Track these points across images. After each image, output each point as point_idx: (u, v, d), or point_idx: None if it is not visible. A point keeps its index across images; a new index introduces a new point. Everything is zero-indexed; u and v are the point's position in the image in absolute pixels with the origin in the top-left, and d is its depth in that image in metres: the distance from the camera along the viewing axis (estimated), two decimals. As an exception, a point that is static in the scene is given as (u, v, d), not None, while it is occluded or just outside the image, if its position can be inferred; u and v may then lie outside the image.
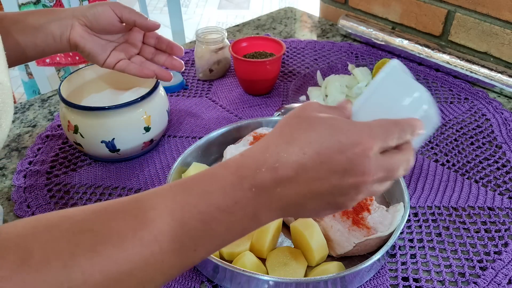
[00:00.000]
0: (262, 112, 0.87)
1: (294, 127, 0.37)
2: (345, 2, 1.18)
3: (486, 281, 0.56)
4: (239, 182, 0.35)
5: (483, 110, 0.87)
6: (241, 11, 3.42)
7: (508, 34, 0.92)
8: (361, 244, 0.56)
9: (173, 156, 0.76)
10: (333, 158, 0.35)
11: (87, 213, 0.33)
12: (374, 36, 1.07)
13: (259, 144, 0.37)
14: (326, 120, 0.37)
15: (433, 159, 0.75)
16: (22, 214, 0.65)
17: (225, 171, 0.36)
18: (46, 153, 0.77)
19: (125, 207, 0.34)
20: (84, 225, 0.32)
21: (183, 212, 0.33)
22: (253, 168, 0.35)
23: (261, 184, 0.35)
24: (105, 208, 0.34)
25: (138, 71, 0.67)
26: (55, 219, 0.32)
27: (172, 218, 0.33)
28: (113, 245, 0.31)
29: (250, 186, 0.35)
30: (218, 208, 0.34)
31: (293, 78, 0.98)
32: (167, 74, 0.69)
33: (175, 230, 0.33)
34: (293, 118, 0.39)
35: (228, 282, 0.54)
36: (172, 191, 0.35)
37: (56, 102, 0.90)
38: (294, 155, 0.35)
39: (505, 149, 0.77)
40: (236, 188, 0.35)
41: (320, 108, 0.39)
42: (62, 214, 0.33)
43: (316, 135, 0.36)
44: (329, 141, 0.35)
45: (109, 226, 0.32)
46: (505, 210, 0.65)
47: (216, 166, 0.37)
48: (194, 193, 0.35)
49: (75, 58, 1.36)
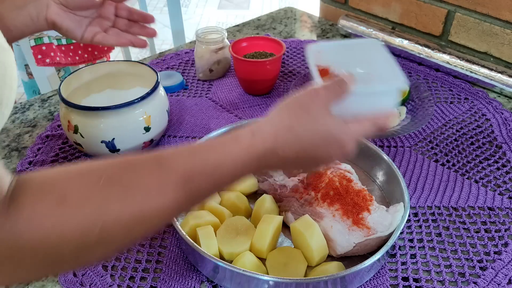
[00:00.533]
0: (262, 112, 0.87)
1: (298, 117, 0.46)
2: (345, 2, 1.18)
3: (486, 281, 0.56)
4: (249, 160, 0.43)
5: (483, 110, 0.87)
6: (241, 11, 3.42)
7: (508, 34, 0.92)
8: (361, 244, 0.56)
9: (173, 156, 0.76)
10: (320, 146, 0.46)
11: (114, 167, 0.39)
12: (374, 36, 1.07)
13: (267, 125, 0.45)
14: (326, 123, 0.46)
15: (433, 159, 0.75)
16: (22, 214, 0.65)
17: (237, 148, 0.43)
18: (46, 153, 0.77)
19: (148, 162, 0.40)
20: (113, 178, 0.38)
21: (194, 174, 0.40)
22: (261, 151, 0.43)
23: (265, 163, 0.44)
24: (128, 162, 0.40)
25: (115, 41, 0.72)
26: (85, 170, 0.38)
27: (184, 176, 0.40)
28: (140, 195, 0.38)
29: (257, 163, 0.43)
30: (227, 176, 0.43)
31: (293, 78, 0.98)
32: (142, 41, 0.74)
33: (188, 184, 0.40)
34: (297, 108, 0.46)
35: (228, 282, 0.54)
36: (189, 155, 0.42)
37: (56, 102, 0.90)
38: (296, 147, 0.45)
39: (505, 149, 0.77)
40: (246, 165, 0.43)
41: (325, 102, 0.47)
42: (90, 166, 0.39)
43: (313, 133, 0.45)
44: (320, 140, 0.46)
45: (136, 179, 0.38)
46: (505, 210, 0.65)
47: (228, 140, 0.44)
48: (210, 163, 0.41)
49: (75, 58, 1.36)
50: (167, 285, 0.56)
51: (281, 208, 0.63)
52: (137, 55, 2.79)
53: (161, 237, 0.62)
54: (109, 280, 0.56)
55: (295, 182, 0.64)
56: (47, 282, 0.56)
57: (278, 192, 0.64)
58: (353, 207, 0.58)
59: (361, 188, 0.61)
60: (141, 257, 0.59)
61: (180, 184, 0.39)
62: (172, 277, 0.57)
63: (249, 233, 0.58)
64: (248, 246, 0.57)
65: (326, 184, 0.61)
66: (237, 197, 0.63)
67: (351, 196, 0.59)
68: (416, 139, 0.80)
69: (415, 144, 0.79)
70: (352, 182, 0.62)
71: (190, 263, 0.58)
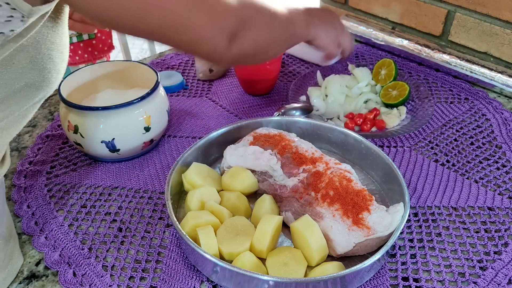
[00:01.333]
0: (262, 112, 0.87)
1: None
2: (345, 2, 1.18)
3: (486, 281, 0.56)
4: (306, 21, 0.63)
5: (483, 110, 0.87)
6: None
7: (508, 34, 0.92)
8: (361, 244, 0.56)
9: (173, 156, 0.76)
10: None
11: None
12: (374, 36, 1.07)
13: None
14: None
15: (433, 159, 0.75)
16: (22, 214, 0.65)
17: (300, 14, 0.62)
18: (46, 153, 0.77)
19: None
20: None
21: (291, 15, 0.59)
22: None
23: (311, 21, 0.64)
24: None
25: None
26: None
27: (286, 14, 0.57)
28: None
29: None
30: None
31: (293, 78, 0.98)
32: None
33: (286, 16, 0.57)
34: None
35: (228, 282, 0.54)
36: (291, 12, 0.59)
37: (56, 102, 0.90)
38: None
39: (505, 149, 0.77)
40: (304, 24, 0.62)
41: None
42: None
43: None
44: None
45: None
46: (505, 210, 0.65)
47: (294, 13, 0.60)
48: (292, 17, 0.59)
49: (75, 58, 1.36)
50: (167, 285, 0.56)
51: (281, 208, 0.63)
52: (137, 55, 2.80)
53: (161, 237, 0.62)
54: (109, 280, 0.56)
55: (295, 182, 0.64)
56: (47, 282, 0.57)
57: (278, 192, 0.64)
58: (353, 207, 0.58)
59: (361, 188, 0.61)
60: (141, 257, 0.59)
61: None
62: (172, 277, 0.57)
63: (249, 233, 0.58)
64: (248, 246, 0.57)
65: (326, 184, 0.61)
66: (237, 197, 0.63)
67: (351, 196, 0.59)
68: (416, 139, 0.80)
69: (415, 144, 0.79)
70: (352, 182, 0.62)
71: (190, 263, 0.58)
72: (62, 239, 0.61)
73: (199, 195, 0.62)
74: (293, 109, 0.81)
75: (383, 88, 0.88)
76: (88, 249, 0.60)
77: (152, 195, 0.69)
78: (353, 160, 0.73)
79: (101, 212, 0.65)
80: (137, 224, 0.64)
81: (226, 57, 0.51)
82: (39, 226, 0.63)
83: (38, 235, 0.62)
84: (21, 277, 0.57)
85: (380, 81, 0.90)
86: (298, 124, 0.75)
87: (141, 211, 0.66)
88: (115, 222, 0.64)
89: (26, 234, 0.62)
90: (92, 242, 0.61)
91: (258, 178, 0.66)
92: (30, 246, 0.61)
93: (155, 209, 0.66)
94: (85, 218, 0.64)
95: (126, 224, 0.63)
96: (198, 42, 0.48)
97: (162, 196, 0.68)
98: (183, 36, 0.47)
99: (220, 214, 0.60)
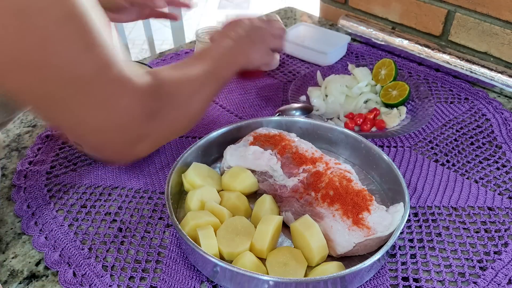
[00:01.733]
0: (262, 112, 0.87)
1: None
2: (345, 2, 1.18)
3: (486, 281, 0.56)
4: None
5: (483, 110, 0.87)
6: (241, 11, 3.42)
7: (508, 34, 0.92)
8: (361, 244, 0.56)
9: (173, 156, 0.76)
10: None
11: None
12: (374, 36, 1.07)
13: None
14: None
15: (433, 159, 0.75)
16: (22, 214, 0.65)
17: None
18: (46, 153, 0.77)
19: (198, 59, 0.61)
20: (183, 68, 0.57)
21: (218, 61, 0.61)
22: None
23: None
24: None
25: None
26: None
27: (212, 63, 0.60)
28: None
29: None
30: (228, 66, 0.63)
31: (293, 78, 0.98)
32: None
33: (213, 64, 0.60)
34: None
35: (228, 282, 0.54)
36: (213, 56, 0.62)
37: (56, 102, 0.90)
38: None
39: (505, 149, 0.77)
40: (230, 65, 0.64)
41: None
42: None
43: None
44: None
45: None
46: (505, 210, 0.65)
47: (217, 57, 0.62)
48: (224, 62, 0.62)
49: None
50: (167, 285, 0.56)
51: (281, 208, 0.63)
52: (137, 55, 2.79)
53: (161, 237, 0.62)
54: (109, 280, 0.56)
55: (295, 182, 0.64)
56: (47, 282, 0.57)
57: (278, 192, 0.64)
58: (353, 207, 0.58)
59: (361, 188, 0.61)
60: (141, 257, 0.59)
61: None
62: (172, 277, 0.57)
63: (249, 233, 0.58)
64: (248, 246, 0.57)
65: (326, 184, 0.61)
66: (237, 197, 0.63)
67: (351, 196, 0.59)
68: (416, 139, 0.80)
69: (415, 144, 0.79)
70: (352, 182, 0.62)
71: (190, 263, 0.58)
72: (62, 239, 0.61)
73: (199, 195, 0.62)
74: (293, 109, 0.81)
75: (383, 88, 0.88)
76: (88, 249, 0.60)
77: (152, 195, 0.69)
78: (353, 160, 0.73)
79: (101, 212, 0.65)
80: (137, 224, 0.64)
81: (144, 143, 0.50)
82: (39, 226, 0.63)
83: (38, 235, 0.62)
84: (21, 277, 0.57)
85: (380, 81, 0.90)
86: (298, 124, 0.75)
87: (141, 211, 0.66)
88: (115, 222, 0.64)
89: (26, 234, 0.62)
90: (92, 242, 0.61)
91: (258, 178, 0.66)
92: (30, 246, 0.61)
93: (155, 209, 0.66)
94: (85, 218, 0.64)
95: (126, 224, 0.63)
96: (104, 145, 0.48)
97: (162, 196, 0.68)
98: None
99: (220, 214, 0.60)
